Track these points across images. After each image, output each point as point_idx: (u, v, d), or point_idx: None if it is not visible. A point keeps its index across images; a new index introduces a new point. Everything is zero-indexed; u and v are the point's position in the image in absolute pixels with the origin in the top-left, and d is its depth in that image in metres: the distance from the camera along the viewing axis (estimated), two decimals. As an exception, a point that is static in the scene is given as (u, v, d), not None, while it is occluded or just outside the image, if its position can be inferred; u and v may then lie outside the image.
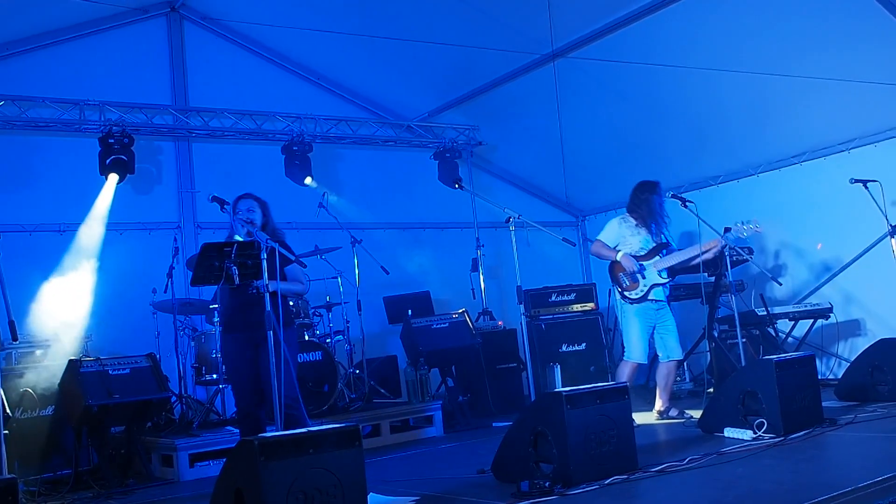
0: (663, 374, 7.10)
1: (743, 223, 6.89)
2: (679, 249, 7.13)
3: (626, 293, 6.98)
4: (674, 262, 7.00)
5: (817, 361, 6.53)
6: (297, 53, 9.92)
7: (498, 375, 8.94)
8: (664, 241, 7.10)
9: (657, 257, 6.99)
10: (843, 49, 7.30)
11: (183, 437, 6.52)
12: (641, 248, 7.02)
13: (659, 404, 7.07)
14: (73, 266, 8.07)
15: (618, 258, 6.98)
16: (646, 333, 6.96)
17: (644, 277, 6.94)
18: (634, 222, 7.11)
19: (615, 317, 7.84)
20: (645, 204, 7.10)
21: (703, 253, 6.97)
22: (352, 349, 8.29)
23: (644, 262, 6.97)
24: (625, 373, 6.94)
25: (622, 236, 7.08)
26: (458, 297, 9.83)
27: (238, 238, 5.47)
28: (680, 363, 7.88)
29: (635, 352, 6.94)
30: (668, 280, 7.01)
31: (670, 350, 7.02)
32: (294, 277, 5.67)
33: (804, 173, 8.96)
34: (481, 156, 11.05)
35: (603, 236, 7.15)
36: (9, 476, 3.42)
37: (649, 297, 6.94)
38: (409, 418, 7.79)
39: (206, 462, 6.40)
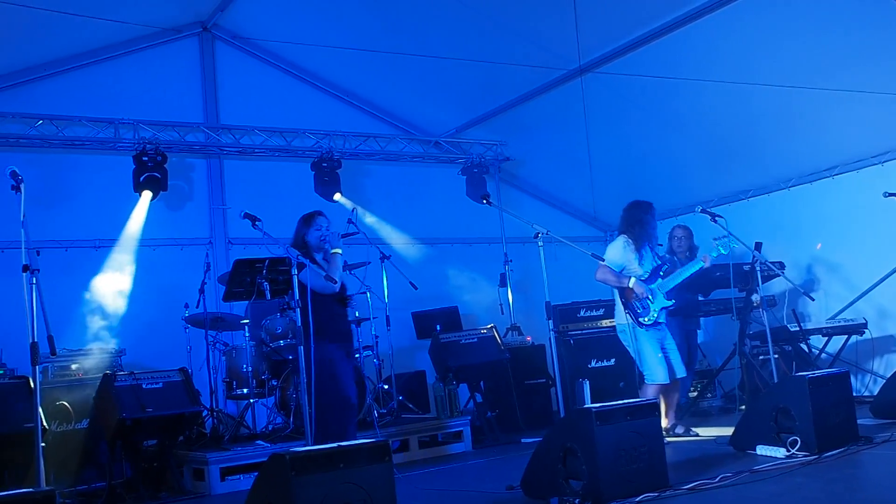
0: (670, 392, 7.05)
1: (716, 238, 6.99)
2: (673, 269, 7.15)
3: (640, 319, 6.85)
4: (677, 282, 6.99)
5: (852, 378, 6.45)
6: (325, 71, 10.01)
7: (527, 391, 8.91)
8: (658, 261, 7.08)
9: (659, 279, 6.95)
10: (875, 61, 7.23)
11: (214, 451, 6.56)
12: (645, 271, 6.95)
13: (664, 422, 7.00)
14: (107, 281, 8.22)
15: (630, 284, 6.83)
16: (661, 353, 6.89)
17: (654, 302, 6.88)
18: (634, 244, 6.99)
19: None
20: (639, 224, 7.01)
21: (702, 266, 7.03)
22: (380, 364, 8.31)
23: (650, 286, 6.92)
24: (649, 396, 6.83)
25: (627, 259, 6.94)
26: (487, 312, 9.85)
27: (338, 250, 5.86)
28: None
29: (658, 373, 6.79)
30: (672, 302, 6.95)
31: (676, 369, 6.96)
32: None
33: (837, 187, 8.87)
34: (509, 171, 11.09)
35: (610, 259, 6.94)
36: (47, 488, 3.46)
37: (659, 321, 6.91)
38: (437, 434, 7.79)
39: (237, 476, 6.43)
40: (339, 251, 5.89)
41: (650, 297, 6.86)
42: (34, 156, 8.27)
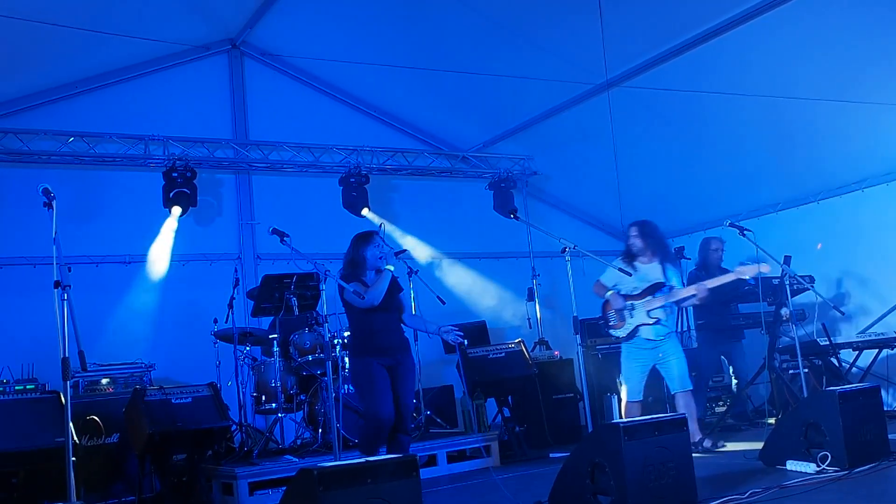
0: (682, 406, 7.00)
1: (748, 262, 6.91)
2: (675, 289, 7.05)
3: (611, 331, 7.08)
4: (662, 304, 6.91)
5: (883, 392, 6.35)
6: (353, 87, 10.08)
7: (554, 406, 8.87)
8: (662, 280, 7.00)
9: (649, 297, 6.95)
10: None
11: (243, 466, 6.59)
12: (635, 288, 6.99)
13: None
14: (137, 296, 8.32)
15: (607, 296, 7.05)
16: (639, 372, 7.00)
17: (632, 317, 6.94)
18: (625, 261, 7.08)
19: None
20: (626, 244, 7.19)
21: (694, 296, 6.93)
22: (408, 379, 8.30)
23: (634, 302, 6.94)
24: (630, 414, 6.91)
25: (618, 277, 7.05)
26: (514, 326, 9.83)
27: (390, 267, 5.88)
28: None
29: (626, 389, 6.98)
30: (655, 321, 6.91)
31: (675, 382, 6.97)
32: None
33: (866, 200, 8.80)
34: (536, 185, 11.09)
35: (602, 277, 7.22)
36: (77, 502, 3.51)
37: (639, 336, 6.93)
38: (465, 448, 7.77)
39: (266, 490, 6.44)
40: (392, 268, 5.93)
41: (627, 311, 6.94)
42: (66, 172, 8.40)
